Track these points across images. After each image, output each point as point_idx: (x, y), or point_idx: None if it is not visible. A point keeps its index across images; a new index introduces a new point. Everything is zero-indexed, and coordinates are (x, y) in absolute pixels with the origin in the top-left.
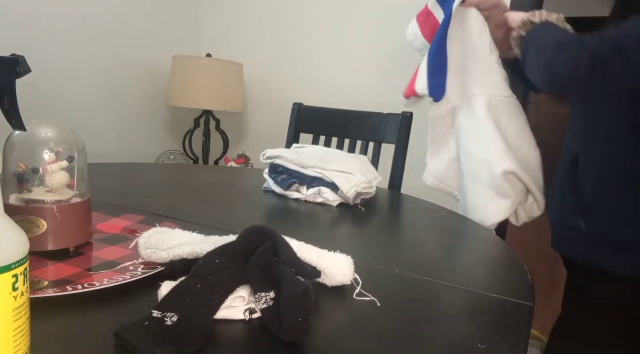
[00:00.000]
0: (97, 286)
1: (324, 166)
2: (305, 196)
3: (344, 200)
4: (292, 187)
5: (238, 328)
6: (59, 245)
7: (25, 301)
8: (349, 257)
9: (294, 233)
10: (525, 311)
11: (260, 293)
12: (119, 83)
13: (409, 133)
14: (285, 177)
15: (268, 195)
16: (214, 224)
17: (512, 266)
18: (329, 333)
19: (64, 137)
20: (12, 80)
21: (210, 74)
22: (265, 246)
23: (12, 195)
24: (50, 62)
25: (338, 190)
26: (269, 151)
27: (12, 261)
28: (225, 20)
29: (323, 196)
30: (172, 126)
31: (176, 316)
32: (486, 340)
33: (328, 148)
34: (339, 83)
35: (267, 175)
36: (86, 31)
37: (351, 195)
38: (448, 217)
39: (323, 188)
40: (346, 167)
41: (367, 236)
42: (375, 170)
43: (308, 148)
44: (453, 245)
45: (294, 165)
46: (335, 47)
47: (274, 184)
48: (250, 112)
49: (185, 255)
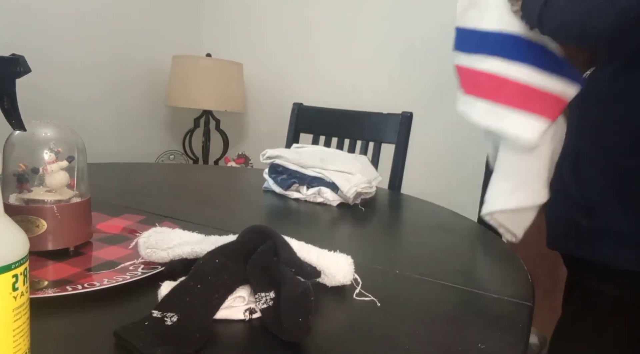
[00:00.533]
0: (97, 286)
1: (324, 166)
2: (305, 197)
3: (344, 200)
4: (292, 187)
5: (238, 328)
6: (59, 245)
7: (25, 301)
8: (349, 257)
9: (294, 233)
10: (525, 311)
11: (260, 293)
12: (119, 83)
13: (409, 133)
14: (285, 177)
15: (268, 195)
16: (214, 224)
17: (512, 266)
18: (329, 333)
19: (64, 137)
20: (12, 80)
21: (210, 74)
22: (265, 246)
23: (12, 195)
24: (50, 62)
25: (338, 190)
26: (269, 151)
27: (12, 261)
28: (225, 20)
29: (323, 196)
30: (172, 126)
31: (176, 316)
32: (486, 340)
33: (328, 148)
34: (339, 83)
35: (267, 175)
36: (86, 31)
37: (351, 195)
38: (448, 217)
39: (323, 188)
40: (346, 167)
41: (367, 236)
42: (375, 170)
43: (308, 148)
44: (453, 245)
45: (293, 165)
46: (335, 47)
47: (274, 184)
48: (250, 112)
49: (185, 255)
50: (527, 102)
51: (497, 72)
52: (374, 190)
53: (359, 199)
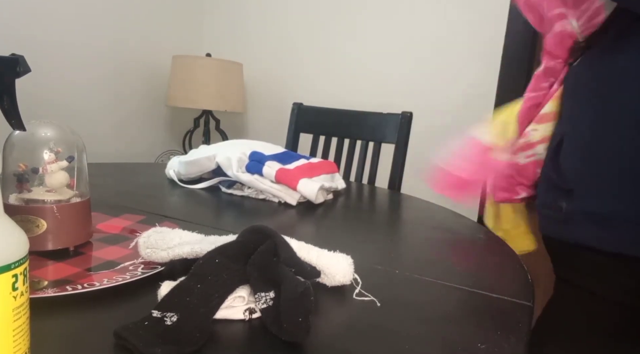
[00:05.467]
0: (97, 286)
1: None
2: (249, 194)
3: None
4: (235, 186)
5: (238, 328)
6: (59, 245)
7: (25, 301)
8: (349, 257)
9: (294, 233)
10: (525, 311)
11: (260, 293)
12: (119, 83)
13: (409, 133)
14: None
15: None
16: (214, 224)
17: (512, 266)
18: (329, 333)
19: (64, 137)
20: (12, 80)
21: (210, 74)
22: (265, 246)
23: (12, 195)
24: (50, 62)
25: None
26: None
27: (12, 261)
28: (225, 20)
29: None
30: (172, 126)
31: (176, 316)
32: (486, 340)
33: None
34: (339, 83)
35: (171, 171)
36: (86, 31)
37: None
38: (448, 217)
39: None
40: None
41: (367, 236)
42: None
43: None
44: (453, 245)
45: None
46: (335, 47)
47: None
48: (250, 112)
49: (185, 254)
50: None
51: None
52: (337, 184)
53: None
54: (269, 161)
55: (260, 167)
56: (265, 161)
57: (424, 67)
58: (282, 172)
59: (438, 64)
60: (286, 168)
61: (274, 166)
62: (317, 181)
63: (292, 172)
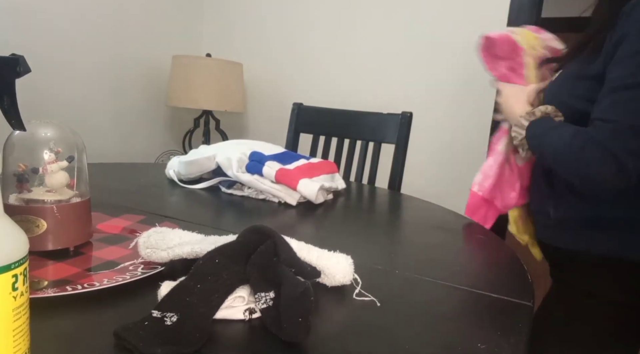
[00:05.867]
0: (97, 286)
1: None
2: (249, 194)
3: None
4: (235, 186)
5: (238, 328)
6: (59, 245)
7: (25, 301)
8: (349, 257)
9: (294, 233)
10: (525, 311)
11: (260, 293)
12: (119, 83)
13: (409, 133)
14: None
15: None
16: (214, 224)
17: (512, 266)
18: (329, 333)
19: (64, 137)
20: (12, 80)
21: (210, 74)
22: (265, 246)
23: (12, 195)
24: (50, 62)
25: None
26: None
27: (12, 261)
28: (225, 20)
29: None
30: (172, 126)
31: (176, 316)
32: (486, 340)
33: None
34: (339, 83)
35: (172, 171)
36: (86, 31)
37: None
38: (448, 217)
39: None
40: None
41: (367, 236)
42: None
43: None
44: (453, 245)
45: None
46: (335, 47)
47: (175, 174)
48: (250, 112)
49: (185, 255)
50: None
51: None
52: (337, 185)
53: (328, 196)
54: (269, 161)
55: (260, 167)
56: (265, 161)
57: (424, 67)
58: (282, 172)
59: (438, 64)
60: (286, 168)
61: (274, 166)
62: (317, 182)
63: (292, 172)
